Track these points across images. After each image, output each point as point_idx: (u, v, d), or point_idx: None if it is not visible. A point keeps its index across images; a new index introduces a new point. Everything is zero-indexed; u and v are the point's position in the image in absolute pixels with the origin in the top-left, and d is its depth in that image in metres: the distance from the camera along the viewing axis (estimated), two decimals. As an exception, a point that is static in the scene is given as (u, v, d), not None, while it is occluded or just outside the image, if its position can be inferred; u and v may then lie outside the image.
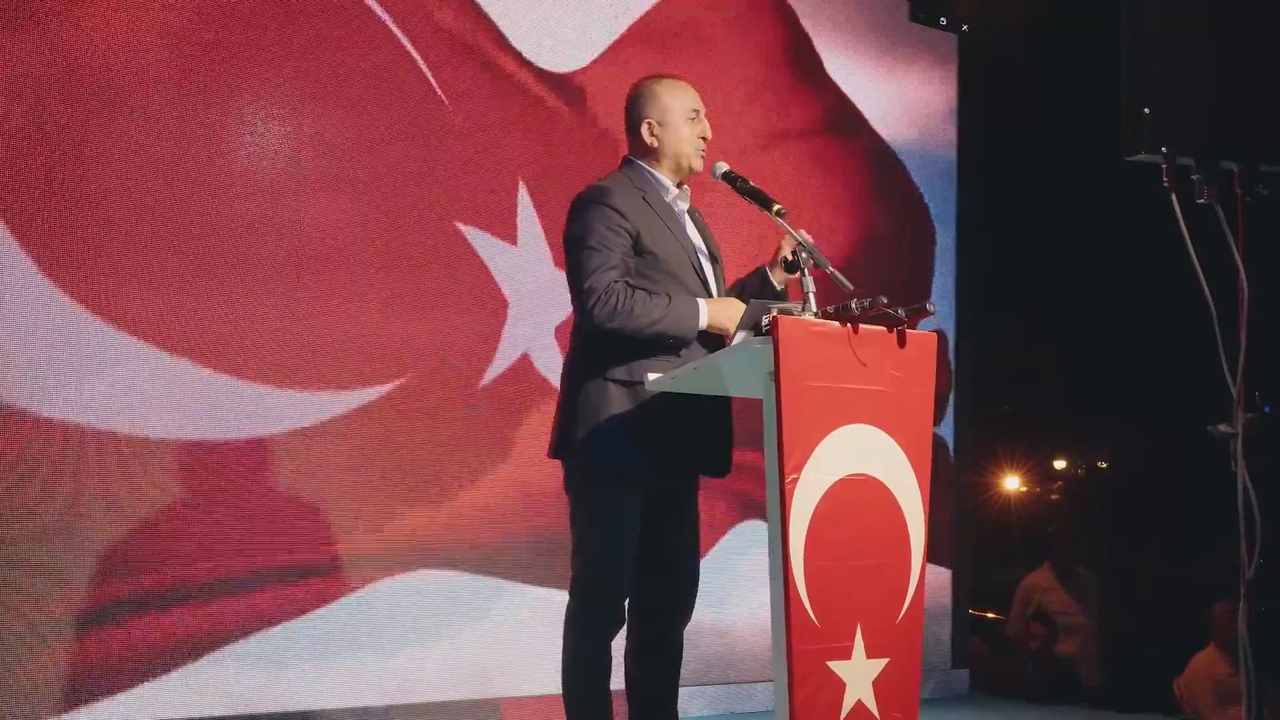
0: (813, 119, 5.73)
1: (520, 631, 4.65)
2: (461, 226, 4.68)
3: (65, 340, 3.91)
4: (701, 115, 3.27)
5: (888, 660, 2.79)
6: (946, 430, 6.08)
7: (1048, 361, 7.99)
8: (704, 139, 3.26)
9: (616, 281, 3.05)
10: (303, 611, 4.28)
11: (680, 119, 3.24)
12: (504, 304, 4.77)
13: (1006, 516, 9.77)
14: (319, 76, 4.43)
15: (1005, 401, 8.02)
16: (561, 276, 3.31)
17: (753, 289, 3.23)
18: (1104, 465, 10.29)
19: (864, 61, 5.90)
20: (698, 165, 3.26)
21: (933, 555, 3.66)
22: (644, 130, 3.25)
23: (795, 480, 2.67)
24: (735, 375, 2.93)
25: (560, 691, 3.14)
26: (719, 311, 3.10)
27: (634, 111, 3.27)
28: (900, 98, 6.02)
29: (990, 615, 7.16)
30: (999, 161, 6.34)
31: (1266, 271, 2.79)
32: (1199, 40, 2.84)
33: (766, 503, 2.72)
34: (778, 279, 3.19)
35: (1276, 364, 2.82)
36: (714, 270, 3.27)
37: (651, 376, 2.97)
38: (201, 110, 4.20)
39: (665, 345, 3.08)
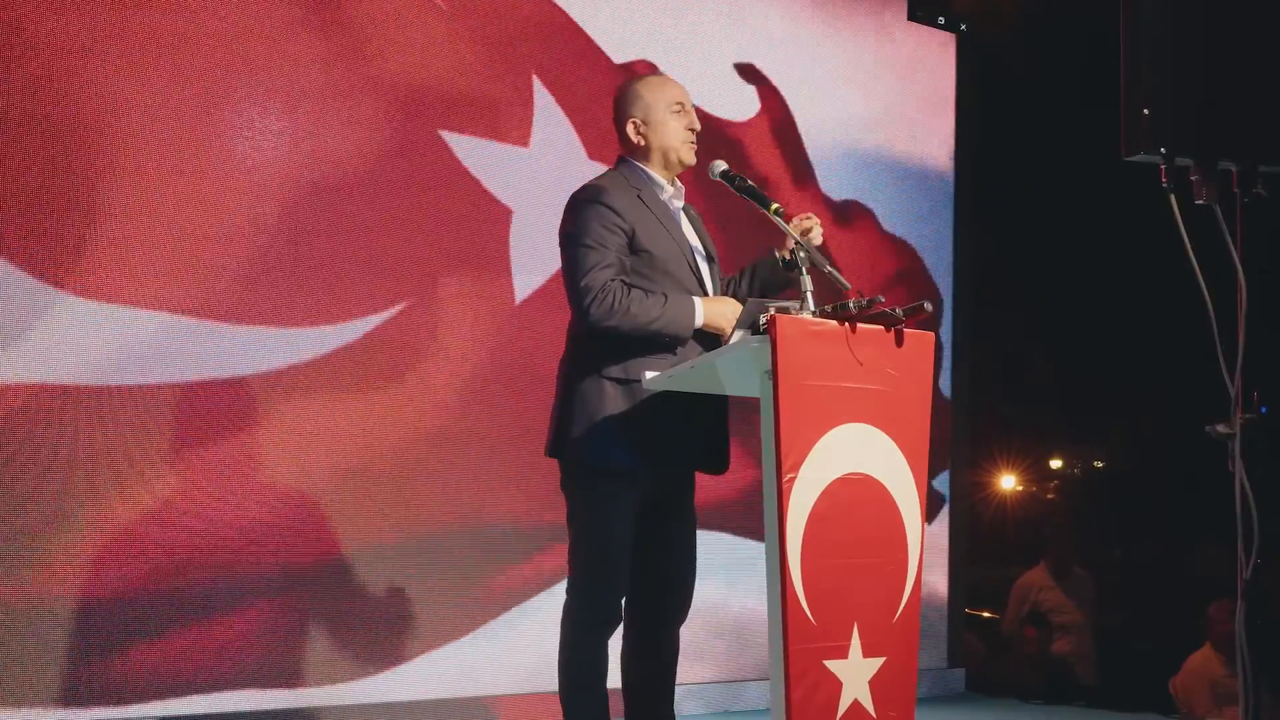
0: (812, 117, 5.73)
1: (516, 628, 4.65)
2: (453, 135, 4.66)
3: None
4: (687, 108, 3.26)
5: (884, 659, 2.80)
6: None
7: (1045, 361, 7.99)
8: (692, 130, 3.25)
9: (613, 280, 3.05)
10: (302, 606, 4.27)
11: (664, 113, 3.23)
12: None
13: (1003, 516, 9.78)
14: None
15: (1002, 401, 8.01)
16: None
17: (763, 276, 3.28)
18: (1100, 465, 10.29)
19: (862, 60, 5.90)
20: (688, 158, 3.26)
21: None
22: (630, 130, 3.25)
23: (793, 479, 2.68)
24: (733, 374, 2.93)
25: (556, 690, 3.14)
26: (714, 310, 3.10)
27: (619, 114, 3.28)
28: (898, 96, 6.02)
29: (986, 614, 7.17)
30: (996, 161, 6.34)
31: (1265, 272, 2.79)
32: (1198, 41, 2.84)
33: (764, 501, 2.72)
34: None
35: (1274, 364, 2.82)
36: (710, 269, 3.27)
37: (649, 375, 2.97)
38: (187, 50, 4.14)
39: (661, 344, 3.08)
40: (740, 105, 5.50)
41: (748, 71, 5.53)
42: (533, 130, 4.84)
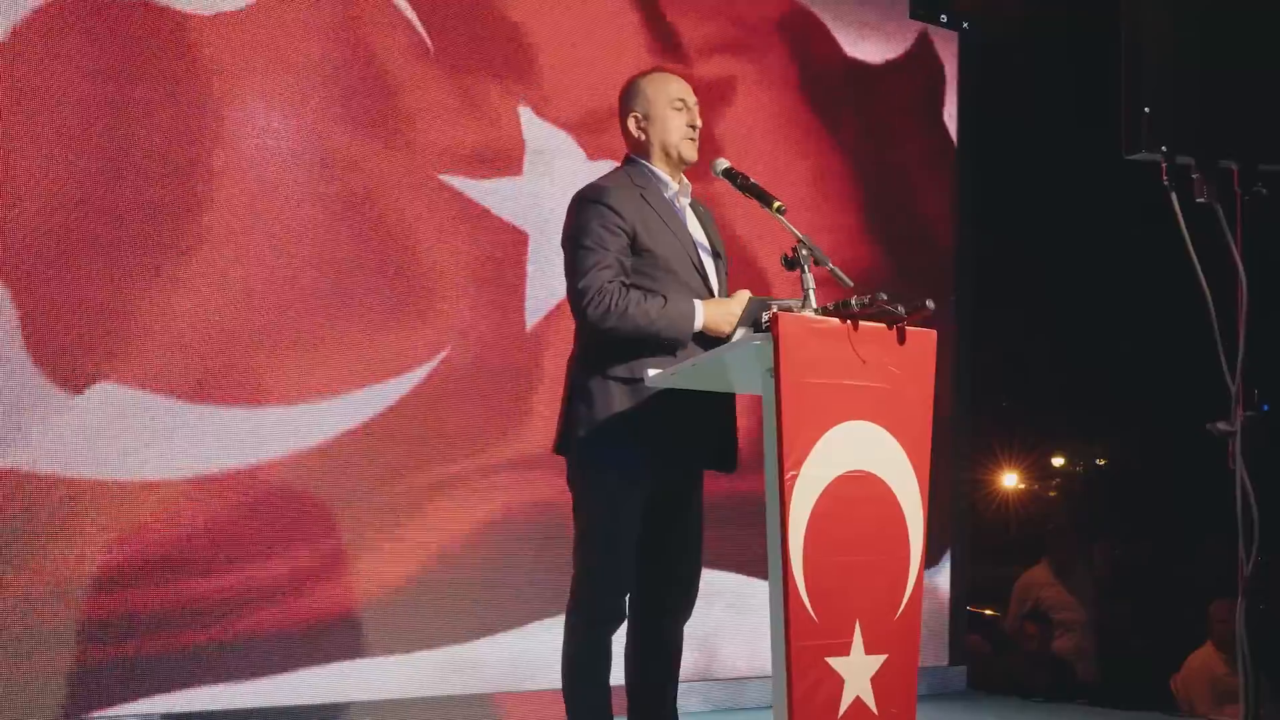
0: (810, 114, 5.73)
1: (519, 626, 4.66)
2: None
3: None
4: (689, 105, 3.26)
5: (886, 656, 2.80)
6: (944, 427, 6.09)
7: (1046, 359, 8.00)
8: (693, 127, 3.25)
9: (611, 281, 3.05)
10: (308, 611, 4.28)
11: (665, 109, 3.23)
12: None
13: (1004, 513, 9.79)
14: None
15: (1004, 398, 8.03)
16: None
17: None
18: (1102, 463, 10.30)
19: (863, 57, 5.90)
20: (688, 154, 3.25)
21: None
22: (631, 125, 3.26)
23: (795, 476, 2.68)
24: (735, 371, 2.94)
25: (560, 687, 3.15)
26: (715, 314, 3.09)
27: (622, 109, 3.29)
28: (899, 94, 6.02)
29: (988, 612, 7.18)
30: (998, 159, 6.35)
31: (1265, 270, 2.80)
32: (1198, 39, 2.84)
33: (766, 498, 2.72)
34: None
35: (1275, 362, 2.83)
36: (716, 266, 3.26)
37: (651, 373, 2.97)
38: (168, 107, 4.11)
39: (661, 346, 3.08)
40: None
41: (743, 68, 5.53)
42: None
